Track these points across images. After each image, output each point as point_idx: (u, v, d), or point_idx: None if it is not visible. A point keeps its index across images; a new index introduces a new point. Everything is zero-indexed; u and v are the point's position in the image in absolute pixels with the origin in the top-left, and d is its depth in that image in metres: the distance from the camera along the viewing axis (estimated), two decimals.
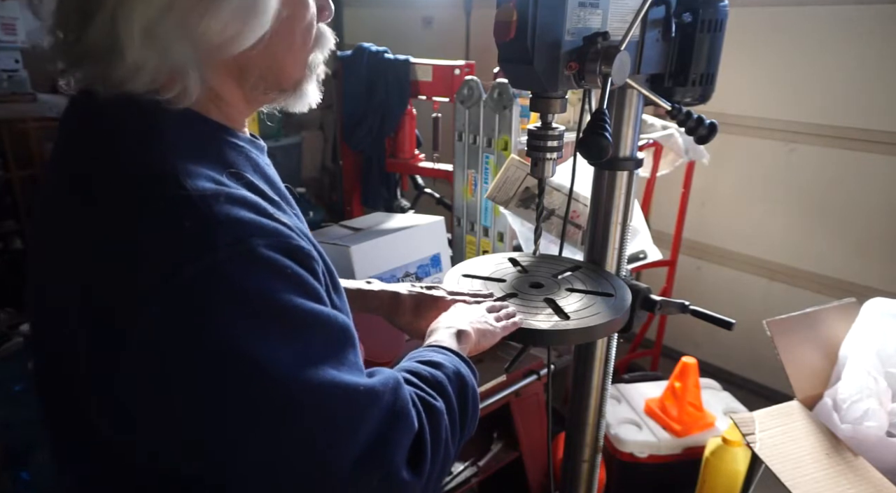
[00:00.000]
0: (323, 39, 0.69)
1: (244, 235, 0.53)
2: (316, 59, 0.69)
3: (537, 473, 1.81)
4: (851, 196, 2.43)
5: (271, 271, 0.54)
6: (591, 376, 1.07)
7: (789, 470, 1.16)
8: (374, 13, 4.20)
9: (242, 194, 0.57)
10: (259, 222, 0.55)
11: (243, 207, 0.55)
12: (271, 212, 0.58)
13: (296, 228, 0.61)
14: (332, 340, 0.59)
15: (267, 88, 0.66)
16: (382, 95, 2.44)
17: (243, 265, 0.53)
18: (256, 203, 0.57)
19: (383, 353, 1.47)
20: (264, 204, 0.58)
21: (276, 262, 0.55)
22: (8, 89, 3.18)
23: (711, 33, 0.87)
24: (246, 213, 0.55)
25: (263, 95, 0.67)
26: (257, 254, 0.53)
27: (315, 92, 0.71)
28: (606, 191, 0.99)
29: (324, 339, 0.58)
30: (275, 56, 0.64)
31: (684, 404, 2.02)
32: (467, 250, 2.10)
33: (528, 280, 0.97)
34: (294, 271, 0.56)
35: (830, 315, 1.43)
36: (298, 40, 0.65)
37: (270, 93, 0.67)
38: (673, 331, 2.89)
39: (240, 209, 0.55)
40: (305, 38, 0.66)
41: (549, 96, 0.81)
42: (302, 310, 0.56)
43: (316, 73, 0.71)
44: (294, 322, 0.55)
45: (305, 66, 0.68)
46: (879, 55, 2.26)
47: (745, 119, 2.64)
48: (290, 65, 0.66)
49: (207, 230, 0.52)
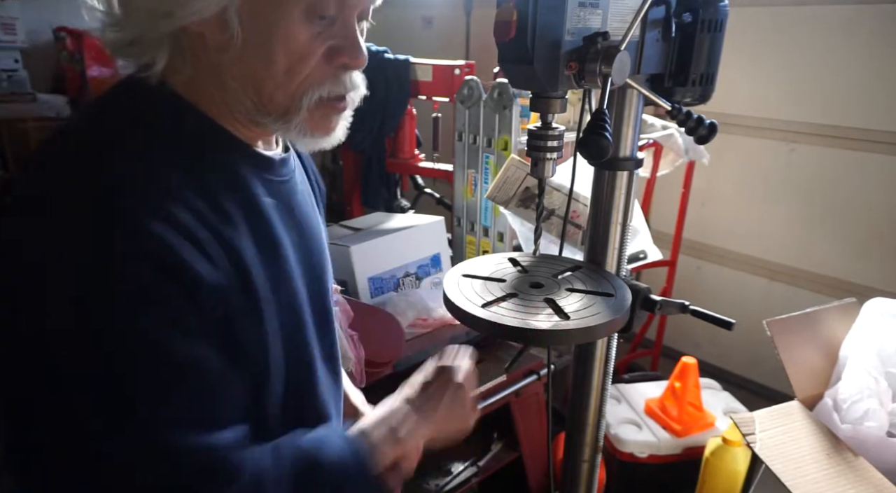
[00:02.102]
0: (331, 82, 0.67)
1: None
2: (311, 97, 0.66)
3: (537, 473, 1.81)
4: (852, 196, 2.43)
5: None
6: (591, 376, 1.07)
7: (789, 470, 1.16)
8: (375, 13, 4.16)
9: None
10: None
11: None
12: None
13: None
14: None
15: (251, 104, 0.66)
16: (382, 95, 2.43)
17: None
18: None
19: (383, 353, 1.47)
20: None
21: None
22: (8, 89, 3.18)
23: (711, 33, 0.87)
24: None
25: (252, 112, 0.67)
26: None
27: (313, 133, 0.69)
28: (606, 191, 0.99)
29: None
30: (249, 67, 0.64)
31: (684, 404, 2.02)
32: (467, 249, 2.11)
33: (528, 280, 0.97)
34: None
35: (831, 315, 1.43)
36: (281, 61, 0.63)
37: (258, 113, 0.67)
38: (673, 331, 2.89)
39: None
40: (294, 65, 0.64)
41: (549, 96, 0.81)
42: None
43: (309, 111, 0.67)
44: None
45: (293, 96, 0.66)
46: (880, 55, 2.26)
47: (746, 119, 2.64)
48: (270, 85, 0.65)
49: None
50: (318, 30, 0.64)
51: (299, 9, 0.62)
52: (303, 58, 0.64)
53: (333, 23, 0.65)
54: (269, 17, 0.62)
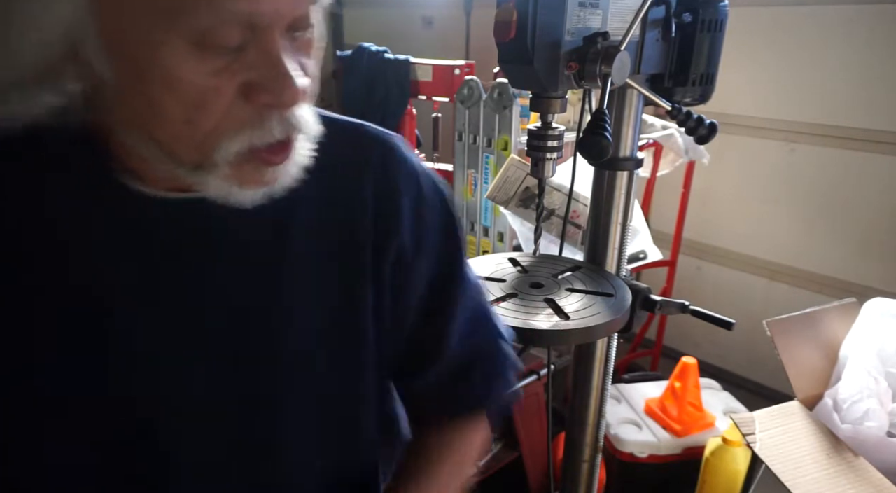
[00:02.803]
0: (253, 129, 0.49)
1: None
2: (228, 150, 0.48)
3: (537, 473, 1.81)
4: (852, 196, 2.43)
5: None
6: (591, 376, 1.07)
7: (789, 470, 1.15)
8: (374, 13, 4.19)
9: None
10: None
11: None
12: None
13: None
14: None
15: (155, 151, 0.49)
16: (382, 95, 2.43)
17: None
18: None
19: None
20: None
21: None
22: None
23: (711, 33, 0.87)
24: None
25: (160, 159, 0.50)
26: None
27: (242, 186, 0.51)
28: (606, 191, 1.00)
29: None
30: (135, 110, 0.47)
31: (684, 404, 2.02)
32: (467, 250, 2.10)
33: (528, 280, 0.97)
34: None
35: (831, 315, 1.43)
36: (172, 110, 0.46)
37: (166, 162, 0.50)
38: (673, 331, 2.89)
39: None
40: (191, 114, 0.46)
41: (549, 96, 0.81)
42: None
43: (232, 166, 0.49)
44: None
45: (202, 151, 0.48)
46: (880, 55, 2.26)
47: (746, 119, 2.63)
48: (167, 135, 0.48)
49: None
50: (222, 63, 0.46)
51: (182, 40, 0.44)
52: (201, 105, 0.46)
53: (244, 50, 0.46)
54: (143, 52, 0.44)
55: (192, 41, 0.44)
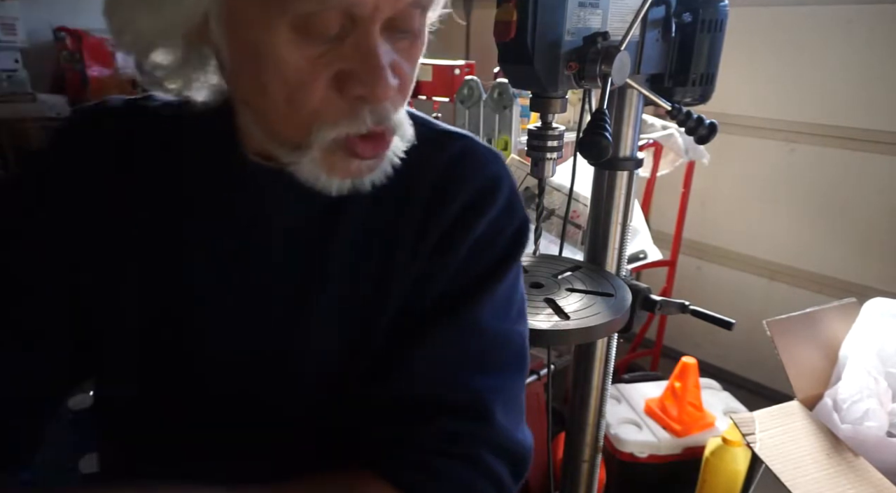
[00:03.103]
0: (348, 120, 0.51)
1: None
2: (324, 136, 0.51)
3: (537, 473, 1.81)
4: (852, 196, 2.43)
5: None
6: (591, 376, 1.07)
7: (789, 470, 1.16)
8: None
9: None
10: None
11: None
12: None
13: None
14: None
15: (262, 128, 0.55)
16: None
17: None
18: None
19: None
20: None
21: None
22: (8, 89, 3.18)
23: (711, 33, 0.87)
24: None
25: (265, 136, 0.55)
26: None
27: (328, 175, 0.54)
28: (606, 191, 1.00)
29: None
30: (246, 89, 0.53)
31: (684, 404, 2.02)
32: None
33: (528, 280, 0.97)
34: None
35: (830, 315, 1.43)
36: (276, 89, 0.49)
37: (270, 140, 0.55)
38: (673, 331, 2.89)
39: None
40: (293, 94, 0.49)
41: (549, 96, 0.81)
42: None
43: (323, 152, 0.52)
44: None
45: (299, 129, 0.51)
46: (880, 55, 2.26)
47: (746, 119, 2.63)
48: (271, 113, 0.52)
49: None
50: (319, 51, 0.48)
51: (286, 24, 0.46)
52: (300, 86, 0.49)
53: (342, 41, 0.48)
54: (254, 33, 0.48)
55: (295, 26, 0.47)
